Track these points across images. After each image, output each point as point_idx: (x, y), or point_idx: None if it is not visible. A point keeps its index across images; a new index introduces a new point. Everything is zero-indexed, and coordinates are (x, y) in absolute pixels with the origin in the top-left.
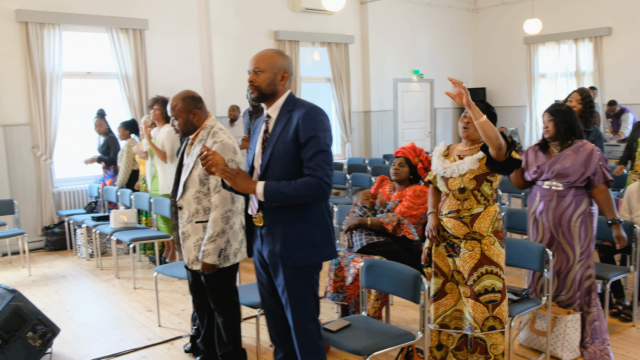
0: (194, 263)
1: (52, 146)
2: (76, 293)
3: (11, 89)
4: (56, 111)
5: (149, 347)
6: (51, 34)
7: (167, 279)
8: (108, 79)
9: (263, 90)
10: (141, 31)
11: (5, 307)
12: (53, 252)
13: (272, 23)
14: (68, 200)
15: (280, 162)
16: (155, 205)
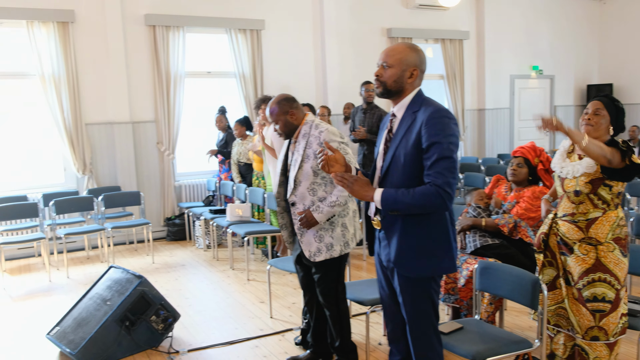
0: (317, 255)
1: (175, 142)
2: (194, 281)
3: (140, 89)
4: (179, 109)
5: (261, 337)
6: (176, 36)
7: (279, 272)
8: (226, 78)
9: (388, 87)
10: (258, 31)
11: (132, 291)
12: (174, 242)
13: (385, 20)
14: (188, 193)
15: (400, 167)
16: (269, 200)
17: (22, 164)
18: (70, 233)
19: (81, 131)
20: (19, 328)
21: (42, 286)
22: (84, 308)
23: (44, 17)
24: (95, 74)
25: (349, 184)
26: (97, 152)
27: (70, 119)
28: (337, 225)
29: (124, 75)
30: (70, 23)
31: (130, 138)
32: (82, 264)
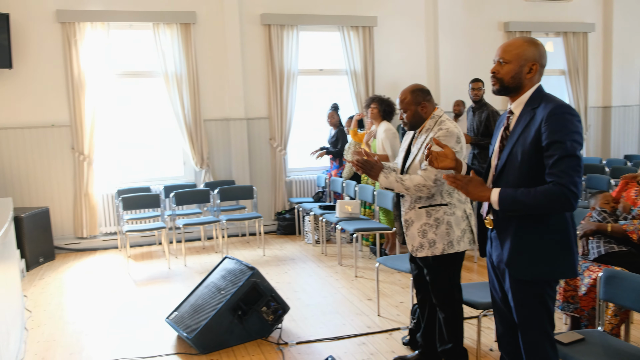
0: (419, 250)
1: (287, 138)
2: (303, 275)
3: (254, 86)
4: (291, 106)
5: (368, 334)
6: (290, 35)
7: (387, 270)
8: (338, 76)
9: (506, 83)
10: (370, 28)
11: (245, 281)
12: (283, 236)
13: (502, 14)
14: (298, 188)
15: (517, 165)
16: (378, 198)
17: (146, 158)
18: (188, 224)
19: (200, 127)
20: (141, 311)
21: (162, 273)
22: (200, 295)
23: (168, 19)
24: (214, 73)
25: (462, 184)
26: (214, 147)
27: (190, 115)
28: (442, 223)
29: (240, 74)
30: (192, 24)
31: (244, 134)
32: (198, 253)
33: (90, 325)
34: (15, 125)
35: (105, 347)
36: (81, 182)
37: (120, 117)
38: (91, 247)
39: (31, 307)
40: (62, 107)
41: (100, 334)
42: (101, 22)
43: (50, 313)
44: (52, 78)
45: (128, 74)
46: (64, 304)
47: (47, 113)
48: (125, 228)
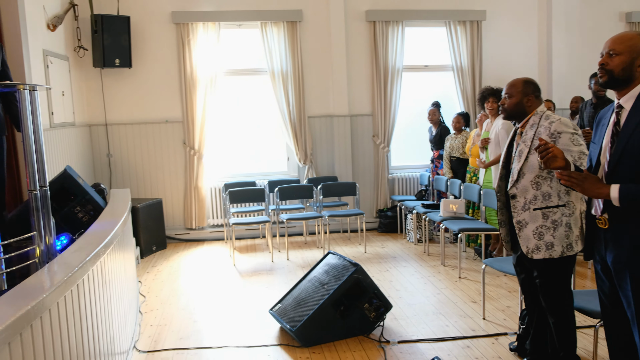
0: (534, 252)
1: (390, 135)
2: (405, 274)
3: (359, 83)
4: (395, 103)
5: (472, 337)
6: (395, 31)
7: (493, 272)
8: (443, 72)
9: (615, 75)
10: (478, 22)
11: (348, 277)
12: (385, 234)
13: (624, 3)
14: (401, 186)
15: (635, 160)
16: (484, 197)
17: (252, 153)
18: (292, 218)
19: (304, 123)
20: (245, 301)
21: (266, 265)
22: (304, 289)
23: (276, 18)
24: (318, 70)
25: (578, 182)
26: (317, 144)
27: (294, 111)
28: (560, 225)
29: (344, 70)
30: (298, 22)
31: (348, 130)
32: (301, 248)
33: (199, 312)
34: (134, 121)
35: (212, 334)
36: (191, 176)
37: (228, 113)
38: (199, 238)
39: (145, 292)
40: (175, 104)
41: (207, 321)
42: (212, 22)
43: (162, 299)
44: (167, 76)
45: (236, 72)
46: (175, 290)
47: (162, 109)
48: (232, 221)
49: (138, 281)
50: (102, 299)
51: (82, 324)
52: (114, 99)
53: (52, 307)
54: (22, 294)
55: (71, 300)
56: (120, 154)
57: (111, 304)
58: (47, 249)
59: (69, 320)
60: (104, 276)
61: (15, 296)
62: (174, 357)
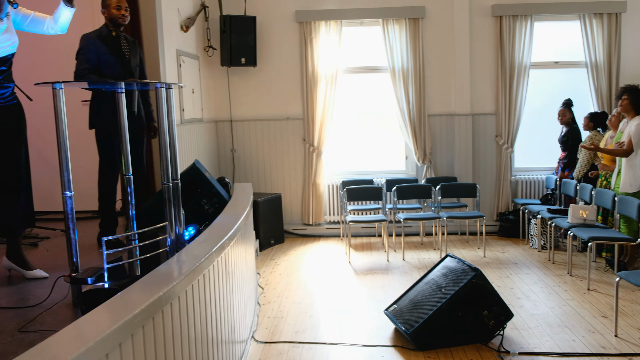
0: None
1: (514, 135)
2: (527, 282)
3: (482, 81)
4: (521, 101)
5: (603, 355)
6: (523, 26)
7: (627, 286)
8: (575, 68)
9: None
10: (617, 15)
11: (467, 282)
12: (505, 238)
13: None
14: (524, 189)
15: None
16: (620, 204)
17: (370, 151)
18: (409, 218)
19: (424, 122)
20: (360, 300)
21: (381, 265)
22: (420, 291)
23: (398, 15)
24: (440, 67)
25: None
26: (437, 143)
27: (414, 110)
28: None
29: (467, 68)
30: (421, 19)
31: (469, 130)
32: (417, 248)
33: (314, 307)
34: (257, 118)
35: (327, 330)
36: (310, 172)
37: (347, 111)
38: (315, 234)
39: (263, 284)
40: (297, 101)
41: (322, 317)
42: (334, 20)
43: (279, 292)
44: (289, 74)
45: (356, 70)
46: (291, 284)
47: (284, 107)
48: (349, 218)
49: (257, 273)
50: (225, 289)
51: (206, 312)
52: (239, 96)
53: (181, 295)
54: (154, 281)
55: (197, 289)
56: (243, 149)
57: (233, 294)
58: (176, 239)
59: (195, 307)
60: (227, 267)
61: (149, 283)
62: (289, 350)
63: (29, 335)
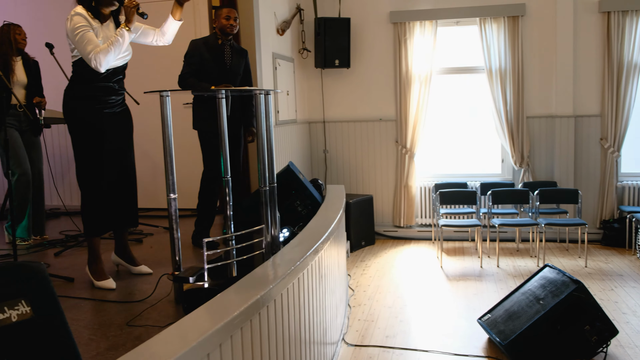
0: None
1: (622, 139)
2: (634, 296)
3: (586, 81)
4: (630, 103)
5: None
6: (634, 21)
7: None
8: None
9: None
10: None
11: (567, 295)
12: (609, 248)
13: None
14: (632, 196)
15: None
16: None
17: (464, 153)
18: (504, 224)
19: (521, 124)
20: (452, 306)
21: (474, 271)
22: (516, 302)
23: (496, 13)
24: (540, 67)
25: None
26: (536, 146)
27: (512, 111)
28: None
29: (570, 67)
30: (520, 17)
31: (571, 132)
32: (512, 255)
33: (405, 312)
34: (349, 119)
35: (417, 336)
36: (402, 174)
37: (441, 112)
38: (406, 236)
39: (353, 286)
40: (390, 102)
41: (413, 322)
42: (429, 20)
43: (369, 294)
44: (382, 76)
45: (451, 70)
46: (382, 287)
47: (376, 108)
48: (441, 222)
49: (347, 275)
50: (318, 291)
51: (300, 313)
52: (332, 98)
53: (277, 298)
54: (252, 284)
55: (293, 292)
56: (335, 150)
57: (325, 296)
58: (272, 241)
59: (290, 309)
60: (320, 270)
61: (246, 286)
62: (379, 355)
63: (136, 330)
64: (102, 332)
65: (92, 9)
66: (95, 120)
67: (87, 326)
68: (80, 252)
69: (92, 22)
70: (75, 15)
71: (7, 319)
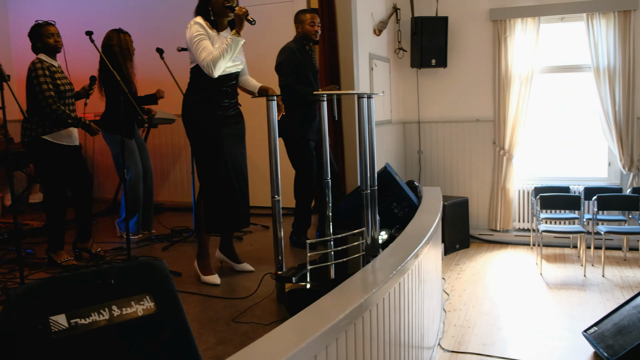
0: None
1: None
2: None
3: None
4: None
5: None
6: None
7: None
8: None
9: None
10: None
11: None
12: None
13: None
14: None
15: None
16: None
17: (567, 156)
18: (611, 231)
19: (631, 125)
20: (553, 316)
21: (576, 279)
22: (626, 315)
23: (605, 8)
24: None
25: None
26: None
27: (621, 112)
28: None
29: None
30: (632, 11)
31: None
32: (618, 264)
33: (503, 319)
34: (444, 119)
35: (516, 346)
36: (499, 176)
37: (542, 113)
38: (503, 241)
39: (448, 290)
40: (487, 103)
41: (512, 331)
42: (531, 17)
43: (465, 299)
44: (480, 75)
45: (554, 69)
46: (478, 292)
47: (473, 108)
48: (542, 227)
49: (442, 278)
50: (417, 295)
51: (400, 317)
52: (427, 98)
53: (379, 302)
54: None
55: (394, 296)
56: (430, 151)
57: (424, 301)
58: (372, 243)
59: (391, 313)
60: (420, 275)
61: (350, 289)
62: None
63: (241, 326)
64: (210, 326)
65: (210, 19)
66: (210, 123)
67: (196, 320)
68: (185, 247)
69: (209, 31)
70: (194, 24)
71: (134, 313)
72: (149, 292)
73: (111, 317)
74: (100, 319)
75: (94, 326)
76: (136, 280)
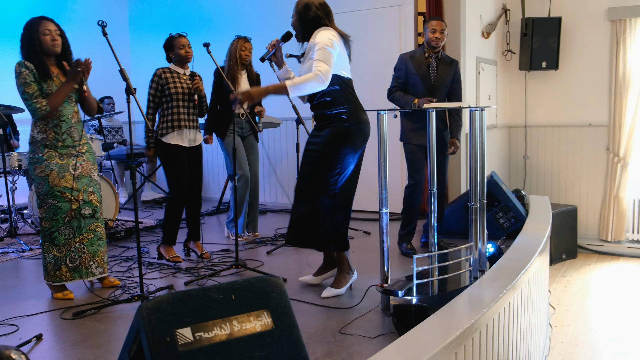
0: None
1: None
2: None
3: None
4: None
5: None
6: None
7: None
8: None
9: None
10: None
11: None
12: None
13: None
14: None
15: None
16: None
17: None
18: None
19: None
20: None
21: None
22: None
23: None
24: None
25: None
26: None
27: None
28: None
29: None
30: None
31: None
32: None
33: (615, 340)
34: (553, 124)
35: None
36: (612, 185)
37: None
38: (614, 252)
39: (554, 304)
40: (602, 106)
41: (626, 354)
42: None
43: (573, 314)
44: (595, 77)
45: None
46: (586, 308)
47: (585, 112)
48: None
49: (547, 291)
50: (527, 313)
51: (509, 334)
52: (536, 101)
53: (489, 323)
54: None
55: (503, 315)
56: (536, 156)
57: (532, 317)
58: (479, 258)
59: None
60: (530, 292)
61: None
62: None
63: (347, 338)
64: (317, 337)
65: None
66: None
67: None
68: (289, 251)
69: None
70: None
71: (253, 329)
72: (266, 308)
73: (232, 331)
74: (221, 333)
75: (216, 340)
76: (255, 296)
